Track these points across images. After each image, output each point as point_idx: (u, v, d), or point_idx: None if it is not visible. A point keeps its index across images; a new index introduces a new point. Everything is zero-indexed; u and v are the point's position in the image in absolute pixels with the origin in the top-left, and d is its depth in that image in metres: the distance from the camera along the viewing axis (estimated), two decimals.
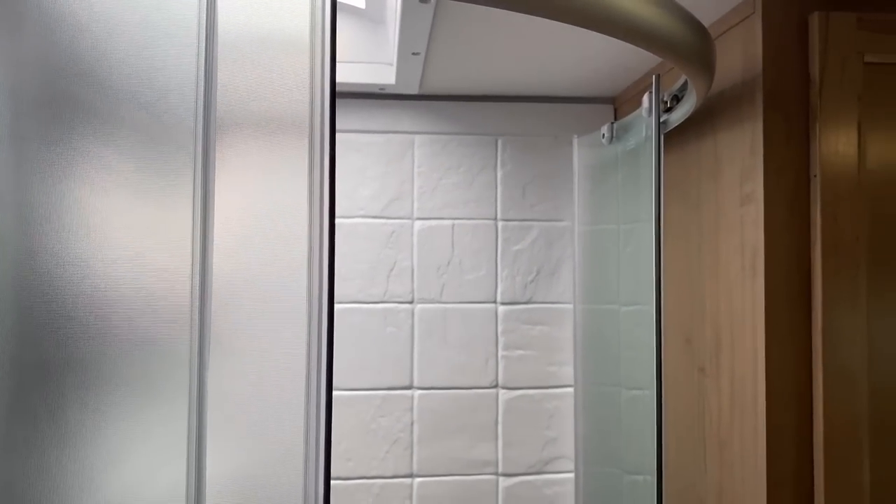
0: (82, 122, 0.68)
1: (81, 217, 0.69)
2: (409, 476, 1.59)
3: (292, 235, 0.80)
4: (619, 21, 0.77)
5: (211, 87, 0.76)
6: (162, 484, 0.71)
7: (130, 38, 0.70)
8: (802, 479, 1.03)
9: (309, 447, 0.73)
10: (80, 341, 0.69)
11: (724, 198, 1.14)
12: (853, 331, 1.01)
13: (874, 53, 1.03)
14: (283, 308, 0.76)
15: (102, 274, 0.69)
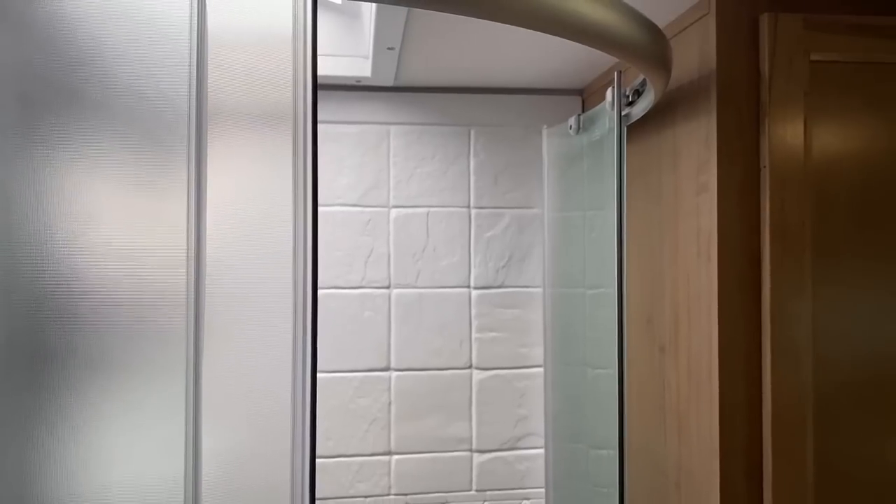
0: (80, 117, 0.73)
1: (78, 207, 0.74)
2: (387, 454, 1.66)
3: (279, 224, 0.85)
4: (578, 26, 0.83)
5: (202, 81, 0.81)
6: (161, 456, 0.76)
7: (126, 36, 0.75)
8: (752, 448, 1.11)
9: (296, 426, 0.80)
10: (82, 327, 0.75)
11: (681, 187, 1.21)
12: (799, 310, 1.09)
13: (819, 52, 1.10)
14: (270, 294, 0.82)
15: (102, 263, 0.75)
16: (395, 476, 1.66)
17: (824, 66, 1.11)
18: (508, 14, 0.78)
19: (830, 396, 1.10)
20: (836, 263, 1.10)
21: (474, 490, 1.68)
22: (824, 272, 1.10)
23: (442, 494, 1.67)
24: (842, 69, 1.11)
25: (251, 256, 0.82)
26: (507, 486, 1.69)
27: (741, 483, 1.11)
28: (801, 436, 1.09)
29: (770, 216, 1.09)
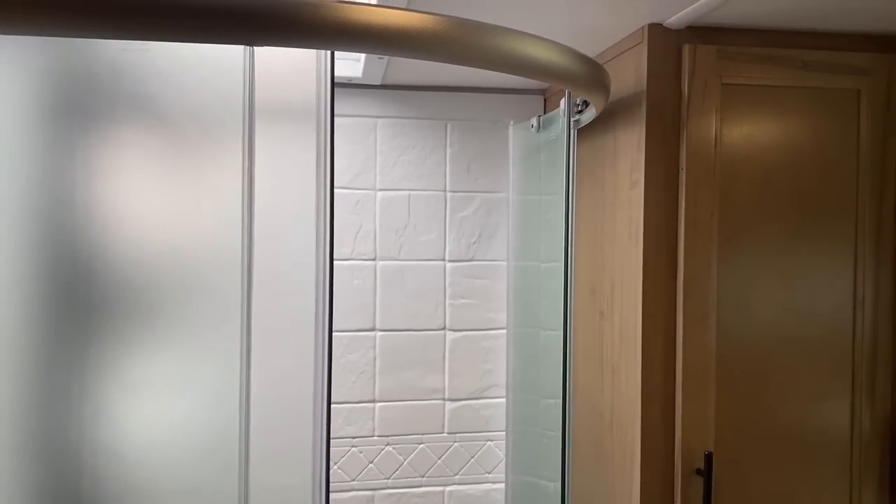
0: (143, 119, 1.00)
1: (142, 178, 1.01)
2: (371, 401, 1.93)
3: (305, 204, 1.11)
4: (532, 66, 1.09)
5: (252, 82, 1.08)
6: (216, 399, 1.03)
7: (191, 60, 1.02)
8: (667, 393, 1.40)
9: (317, 376, 1.06)
10: (143, 283, 1.01)
11: (619, 182, 1.49)
12: (706, 285, 1.37)
13: (729, 76, 1.37)
14: (299, 262, 1.08)
15: (164, 225, 1.02)
16: (379, 421, 1.94)
17: (733, 88, 1.38)
18: (473, 59, 1.04)
19: (728, 352, 1.39)
20: (736, 247, 1.39)
21: (446, 433, 1.97)
22: (727, 254, 1.38)
23: (418, 436, 1.95)
24: (747, 90, 1.38)
25: (285, 229, 1.08)
26: (473, 429, 1.98)
27: (658, 420, 1.40)
28: (705, 383, 1.38)
29: (685, 209, 1.37)
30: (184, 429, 1.02)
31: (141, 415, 1.04)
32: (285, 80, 1.15)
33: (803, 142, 1.40)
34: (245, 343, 1.03)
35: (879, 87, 1.41)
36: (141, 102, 1.03)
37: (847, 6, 1.24)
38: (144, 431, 1.02)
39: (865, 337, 1.42)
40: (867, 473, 1.42)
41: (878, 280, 1.42)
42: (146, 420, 1.04)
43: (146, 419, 1.04)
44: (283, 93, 1.16)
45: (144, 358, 1.04)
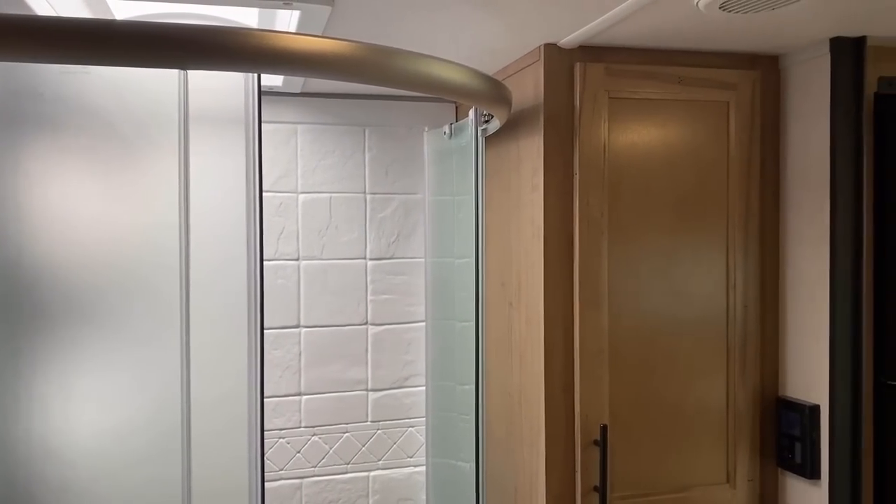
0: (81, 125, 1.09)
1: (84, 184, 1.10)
2: (297, 395, 2.03)
3: (236, 208, 1.21)
4: (442, 87, 1.23)
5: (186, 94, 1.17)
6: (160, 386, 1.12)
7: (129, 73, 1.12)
8: (567, 373, 1.56)
9: (251, 371, 1.16)
10: (83, 286, 1.10)
11: (522, 185, 1.64)
12: (598, 275, 1.54)
13: (616, 91, 1.54)
14: (231, 262, 1.18)
15: (104, 231, 1.10)
16: (305, 412, 2.04)
17: (619, 102, 1.55)
18: (387, 81, 1.17)
19: (620, 335, 1.57)
20: (623, 242, 1.56)
21: (370, 421, 2.09)
22: (616, 248, 1.56)
23: (343, 425, 2.07)
24: (632, 103, 1.56)
25: (219, 232, 1.18)
26: (396, 416, 2.11)
27: (560, 397, 1.56)
28: (600, 363, 1.55)
29: (579, 209, 1.53)
30: (127, 427, 1.11)
31: (84, 414, 1.12)
32: (217, 90, 1.25)
33: (681, 147, 1.59)
34: (184, 343, 1.12)
35: (745, 99, 1.61)
36: (82, 114, 1.11)
37: (715, 29, 1.43)
38: (87, 430, 1.10)
39: (737, 317, 1.63)
40: (740, 439, 1.63)
41: (746, 267, 1.63)
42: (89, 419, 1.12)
43: (89, 419, 1.12)
44: (214, 102, 1.27)
45: (85, 360, 1.12)
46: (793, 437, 1.57)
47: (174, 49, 0.99)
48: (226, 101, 1.28)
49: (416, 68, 1.22)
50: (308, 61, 1.10)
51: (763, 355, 1.64)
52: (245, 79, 1.29)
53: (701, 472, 1.61)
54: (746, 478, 1.62)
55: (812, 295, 1.55)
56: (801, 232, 1.59)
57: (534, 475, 1.61)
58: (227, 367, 1.22)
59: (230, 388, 1.22)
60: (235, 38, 1.03)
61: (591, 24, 1.39)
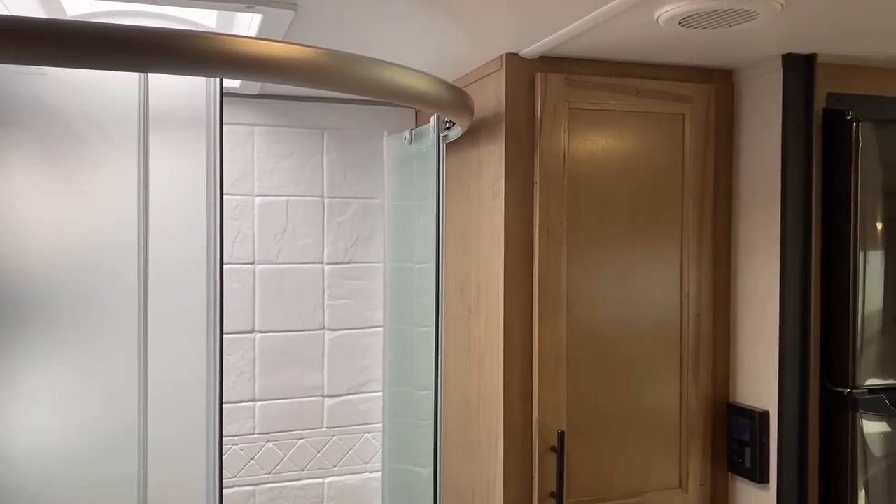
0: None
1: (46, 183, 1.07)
2: (252, 401, 2.00)
3: (197, 209, 1.19)
4: (407, 94, 1.23)
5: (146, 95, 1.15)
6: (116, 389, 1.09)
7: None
8: (525, 379, 1.57)
9: (209, 375, 1.14)
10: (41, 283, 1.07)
11: (483, 193, 1.65)
12: (557, 283, 1.56)
13: (575, 102, 1.56)
14: (191, 265, 1.15)
15: (70, 238, 1.07)
16: (259, 418, 2.01)
17: (579, 112, 1.57)
18: (350, 88, 1.16)
19: (577, 342, 1.59)
20: (582, 250, 1.58)
21: (325, 427, 2.07)
22: (574, 256, 1.57)
23: (298, 431, 2.05)
24: (591, 114, 1.58)
25: (178, 233, 1.15)
26: (352, 423, 2.09)
27: (518, 404, 1.57)
28: (558, 369, 1.57)
29: (539, 217, 1.54)
30: (82, 432, 1.08)
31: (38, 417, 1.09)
32: (178, 91, 1.23)
33: (638, 158, 1.61)
34: (142, 346, 1.10)
35: (700, 112, 1.65)
36: (38, 115, 1.08)
37: (673, 44, 1.45)
38: (43, 435, 1.06)
39: (690, 326, 1.66)
40: (693, 444, 1.66)
41: (700, 276, 1.66)
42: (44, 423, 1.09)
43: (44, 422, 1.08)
44: (175, 103, 1.24)
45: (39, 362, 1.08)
46: (743, 442, 1.61)
47: (135, 52, 0.96)
48: (187, 102, 1.26)
49: (381, 76, 1.21)
50: (271, 67, 1.09)
51: (715, 362, 1.68)
52: (207, 80, 1.27)
53: (655, 477, 1.64)
54: (698, 482, 1.66)
55: (762, 304, 1.60)
56: (752, 243, 1.63)
57: (491, 481, 1.62)
58: (185, 371, 1.20)
59: (188, 393, 1.20)
60: (198, 43, 1.01)
61: (553, 36, 1.41)
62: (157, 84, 1.16)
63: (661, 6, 1.23)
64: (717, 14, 1.24)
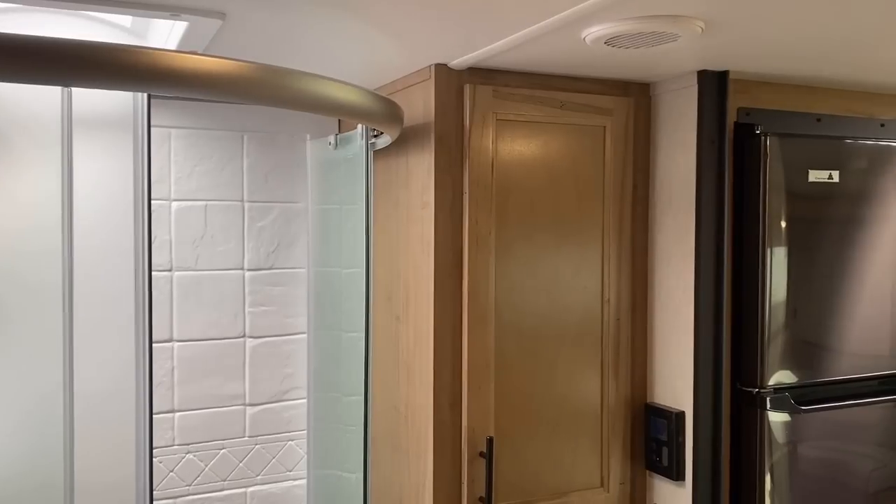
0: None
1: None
2: (170, 412, 1.94)
3: (124, 213, 1.15)
4: (338, 107, 1.21)
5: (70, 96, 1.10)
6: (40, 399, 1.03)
7: None
8: (455, 387, 1.59)
9: (139, 383, 1.10)
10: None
11: (412, 202, 1.65)
12: (486, 293, 1.58)
13: (503, 113, 1.58)
14: (118, 270, 1.11)
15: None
16: (178, 430, 1.95)
17: (506, 123, 1.59)
18: (278, 102, 1.14)
19: (505, 349, 1.62)
20: (509, 258, 1.61)
21: (247, 436, 2.03)
22: (502, 266, 1.60)
23: (220, 441, 2.00)
24: (518, 125, 1.61)
25: (105, 238, 1.11)
26: (275, 431, 2.06)
27: (447, 412, 1.59)
28: (486, 377, 1.60)
29: (469, 227, 1.56)
30: (8, 441, 1.02)
31: None
32: (103, 91, 1.17)
33: (563, 169, 1.65)
34: (67, 355, 1.05)
35: (620, 124, 1.70)
36: None
37: (596, 59, 1.49)
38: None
39: (610, 330, 1.72)
40: (613, 445, 1.73)
41: (619, 282, 1.72)
42: None
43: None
44: (101, 105, 1.18)
45: None
46: (660, 441, 1.68)
47: (56, 66, 0.91)
48: (113, 104, 1.20)
49: (313, 90, 1.19)
50: (201, 83, 1.05)
51: (633, 365, 1.75)
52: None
53: (578, 478, 1.70)
54: (619, 481, 1.73)
55: (678, 309, 1.67)
56: (668, 250, 1.70)
57: (420, 487, 1.63)
58: (113, 379, 1.15)
59: (116, 401, 1.16)
60: (123, 57, 0.97)
61: (482, 50, 1.42)
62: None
63: (589, 27, 1.26)
64: (642, 36, 1.29)
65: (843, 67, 1.60)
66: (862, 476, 1.76)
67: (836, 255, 1.70)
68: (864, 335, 1.75)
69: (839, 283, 1.70)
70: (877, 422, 1.77)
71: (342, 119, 1.96)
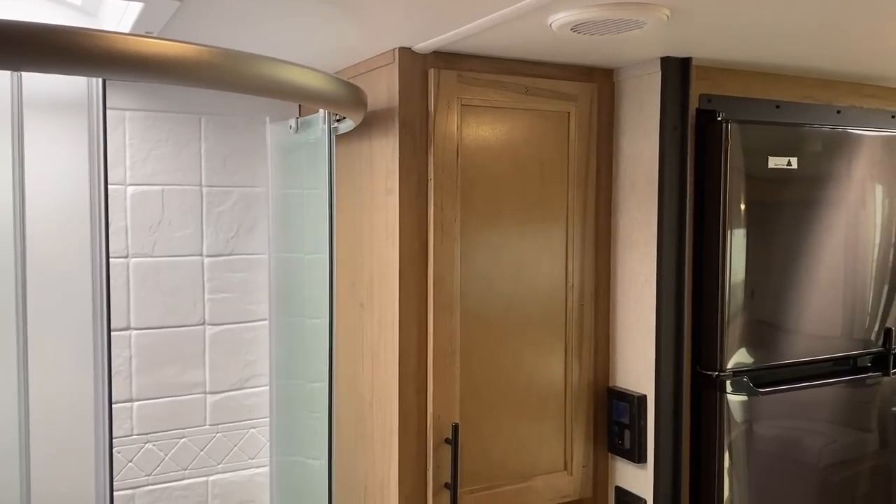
0: None
1: None
2: (128, 401, 1.90)
3: (79, 199, 1.11)
4: (302, 93, 1.18)
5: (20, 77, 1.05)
6: None
7: None
8: (420, 373, 1.58)
9: (97, 373, 1.07)
10: None
11: (376, 188, 1.63)
12: (451, 280, 1.58)
13: (467, 98, 1.57)
14: (74, 260, 1.07)
15: None
16: (137, 419, 1.91)
17: (471, 109, 1.58)
18: (239, 87, 1.11)
19: (471, 335, 1.62)
20: (474, 246, 1.61)
21: (208, 425, 2.00)
22: (468, 252, 1.60)
23: (180, 430, 1.96)
24: (483, 111, 1.59)
25: (59, 225, 1.07)
26: (236, 419, 2.03)
27: (413, 399, 1.58)
28: (452, 363, 1.59)
29: (434, 214, 1.55)
30: None
31: None
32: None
33: (527, 155, 1.65)
34: (22, 345, 1.01)
35: (584, 110, 1.70)
36: None
37: (561, 45, 1.49)
38: None
39: (574, 315, 1.73)
40: (577, 428, 1.75)
41: (583, 268, 1.73)
42: None
43: None
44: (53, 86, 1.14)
45: None
46: (622, 424, 1.71)
47: (4, 50, 0.87)
48: (66, 86, 1.16)
49: (276, 76, 1.16)
50: (156, 67, 1.02)
51: (597, 350, 1.77)
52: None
53: (542, 462, 1.71)
54: (582, 464, 1.75)
55: (640, 294, 1.69)
56: (631, 236, 1.72)
57: (385, 475, 1.63)
58: (70, 369, 1.12)
59: (74, 392, 1.13)
60: (77, 41, 0.93)
61: (447, 34, 1.40)
62: None
63: (556, 13, 1.25)
64: (609, 23, 1.28)
65: (802, 55, 1.62)
66: (813, 452, 1.81)
67: (792, 241, 1.73)
68: (819, 317, 1.79)
69: (795, 268, 1.74)
70: (828, 401, 1.82)
71: (307, 105, 1.92)
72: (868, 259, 1.84)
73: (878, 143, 1.83)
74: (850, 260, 1.82)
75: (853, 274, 1.83)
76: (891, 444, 1.93)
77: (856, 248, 1.82)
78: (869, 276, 1.85)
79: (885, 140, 1.84)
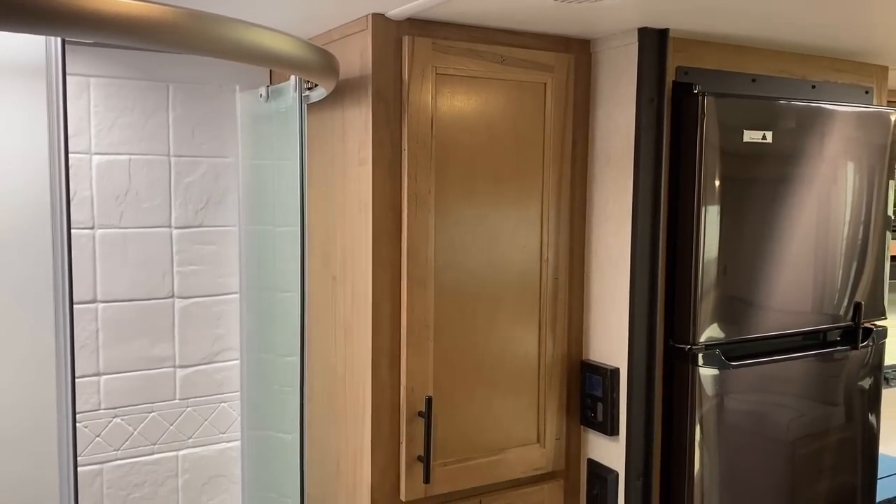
0: None
1: None
2: (96, 375, 1.86)
3: (38, 168, 1.07)
4: (273, 58, 1.15)
5: None
6: None
7: None
8: (394, 347, 1.57)
9: (59, 348, 1.03)
10: None
11: (348, 158, 1.60)
12: (425, 252, 1.56)
13: (442, 67, 1.54)
14: (34, 229, 1.04)
15: None
16: (105, 393, 1.88)
17: (446, 78, 1.55)
18: (207, 50, 1.07)
19: (444, 308, 1.60)
20: (450, 217, 1.59)
21: (178, 399, 1.97)
22: (442, 225, 1.58)
23: (149, 405, 1.93)
24: (458, 80, 1.57)
25: (16, 195, 1.03)
26: (206, 393, 2.00)
27: (386, 372, 1.57)
28: (425, 337, 1.58)
29: (408, 186, 1.52)
30: None
31: None
32: (10, 35, 1.07)
33: (503, 126, 1.63)
34: None
35: (561, 81, 1.68)
36: None
37: (537, 13, 1.46)
38: None
39: (549, 288, 1.72)
40: (550, 400, 1.75)
41: (557, 241, 1.72)
42: None
43: None
44: (8, 48, 1.09)
45: None
46: (595, 397, 1.71)
47: None
48: (23, 49, 1.11)
49: (242, 38, 1.13)
50: (119, 27, 0.97)
51: (570, 323, 1.77)
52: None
53: (515, 434, 1.71)
54: (554, 437, 1.75)
55: (614, 267, 1.69)
56: (606, 209, 1.71)
57: (358, 448, 1.62)
58: (30, 343, 1.09)
59: (35, 368, 1.09)
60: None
61: (423, 0, 1.37)
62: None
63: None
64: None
65: (779, 28, 1.61)
66: (782, 425, 1.83)
67: (765, 215, 1.73)
68: (790, 292, 1.80)
69: (768, 242, 1.74)
70: (798, 375, 1.84)
71: (274, 70, 1.88)
72: (839, 235, 1.85)
73: (852, 119, 1.83)
74: (822, 235, 1.83)
75: (824, 249, 1.84)
76: (857, 417, 1.96)
77: (827, 224, 1.83)
78: (839, 251, 1.86)
79: (858, 116, 1.84)
